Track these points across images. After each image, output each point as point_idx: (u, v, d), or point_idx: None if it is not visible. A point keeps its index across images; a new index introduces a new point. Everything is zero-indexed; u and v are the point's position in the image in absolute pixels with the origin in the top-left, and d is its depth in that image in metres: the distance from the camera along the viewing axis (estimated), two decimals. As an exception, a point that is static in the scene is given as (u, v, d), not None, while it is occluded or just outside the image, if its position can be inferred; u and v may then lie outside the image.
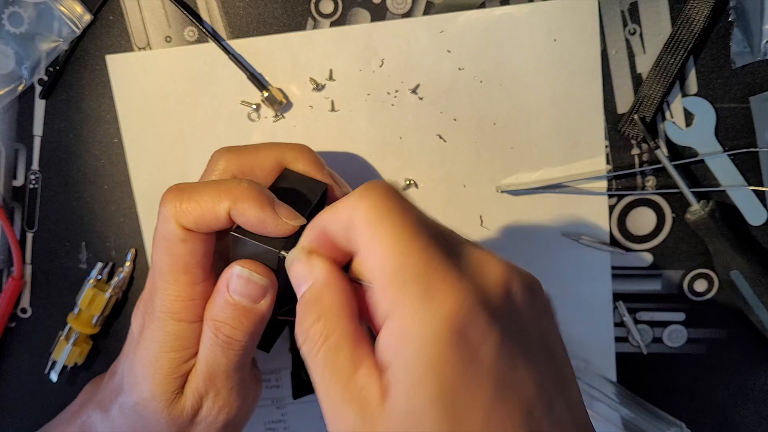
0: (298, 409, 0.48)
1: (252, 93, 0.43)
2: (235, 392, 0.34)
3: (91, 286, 0.44)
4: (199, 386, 0.34)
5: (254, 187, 0.31)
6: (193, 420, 0.34)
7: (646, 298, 0.45)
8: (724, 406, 0.47)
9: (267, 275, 0.32)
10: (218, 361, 0.33)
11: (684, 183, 0.42)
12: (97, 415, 0.37)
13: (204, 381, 0.34)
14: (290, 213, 0.31)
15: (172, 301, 0.33)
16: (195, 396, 0.34)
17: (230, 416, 0.35)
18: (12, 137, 0.44)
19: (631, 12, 0.41)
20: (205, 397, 0.34)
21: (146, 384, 0.34)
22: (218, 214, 0.31)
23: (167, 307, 0.33)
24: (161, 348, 0.33)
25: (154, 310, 0.33)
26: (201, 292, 0.33)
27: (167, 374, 0.34)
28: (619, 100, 0.42)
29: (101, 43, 0.42)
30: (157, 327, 0.33)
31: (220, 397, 0.34)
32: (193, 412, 0.34)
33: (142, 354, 0.34)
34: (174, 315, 0.33)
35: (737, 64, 0.41)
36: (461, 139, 0.43)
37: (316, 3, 0.42)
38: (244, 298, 0.32)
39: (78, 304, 0.44)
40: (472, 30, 0.42)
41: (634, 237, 0.44)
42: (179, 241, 0.31)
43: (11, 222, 0.45)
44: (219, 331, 0.32)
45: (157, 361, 0.33)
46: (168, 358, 0.33)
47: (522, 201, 0.44)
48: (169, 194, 0.32)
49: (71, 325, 0.44)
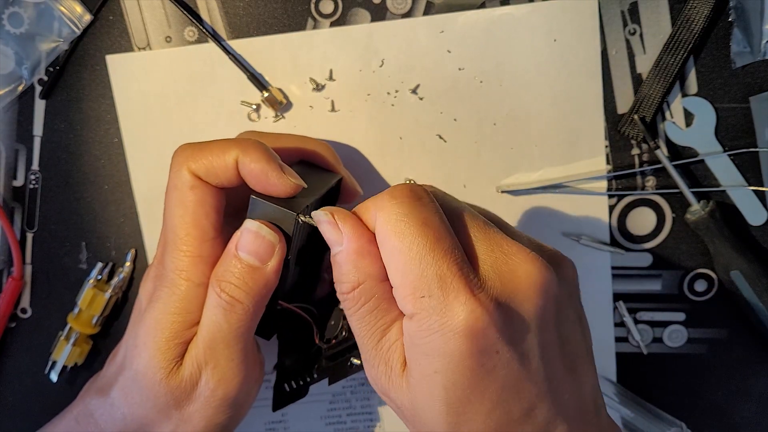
0: (299, 410, 0.48)
1: (252, 93, 0.43)
2: (235, 366, 0.34)
3: (91, 286, 0.44)
4: (198, 354, 0.34)
5: (262, 143, 0.33)
6: (192, 394, 0.34)
7: (646, 298, 0.45)
8: (724, 406, 0.47)
9: (277, 233, 0.32)
10: (219, 326, 0.33)
11: (684, 183, 0.42)
12: (95, 401, 0.37)
13: (204, 348, 0.33)
14: (293, 173, 0.32)
15: (181, 257, 0.33)
16: (194, 365, 0.34)
17: (228, 392, 0.34)
18: (12, 137, 0.44)
19: (631, 12, 0.41)
20: (204, 368, 0.34)
21: (147, 350, 0.34)
22: (227, 163, 0.32)
23: (176, 264, 0.33)
24: (165, 310, 0.34)
25: (164, 271, 0.34)
26: (209, 250, 0.33)
27: (169, 338, 0.34)
28: (619, 100, 0.42)
29: (101, 43, 0.42)
30: (164, 288, 0.34)
31: (219, 369, 0.34)
32: (192, 384, 0.34)
33: (147, 319, 0.34)
34: (182, 273, 0.33)
35: (737, 64, 0.41)
36: (461, 139, 0.43)
37: (316, 3, 0.42)
38: (252, 255, 0.32)
39: (78, 304, 0.44)
40: (472, 30, 0.42)
41: (634, 237, 0.44)
42: (189, 188, 0.32)
43: (11, 222, 0.45)
44: (223, 291, 0.32)
45: (159, 323, 0.34)
46: (171, 320, 0.34)
47: (522, 201, 0.44)
48: (181, 148, 0.33)
49: (71, 325, 0.44)
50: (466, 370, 0.27)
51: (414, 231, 0.27)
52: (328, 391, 0.47)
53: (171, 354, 0.34)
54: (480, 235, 0.29)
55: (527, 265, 0.28)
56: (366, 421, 0.48)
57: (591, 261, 0.45)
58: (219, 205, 0.34)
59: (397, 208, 0.28)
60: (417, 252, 0.27)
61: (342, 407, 0.48)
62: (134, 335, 0.35)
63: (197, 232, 0.33)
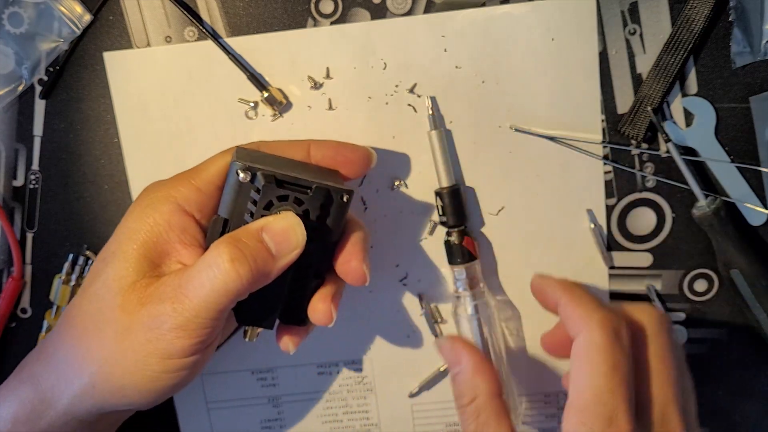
0: (294, 408, 0.48)
1: (251, 91, 0.43)
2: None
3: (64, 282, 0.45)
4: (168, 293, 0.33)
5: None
6: (149, 322, 0.33)
7: (646, 298, 0.45)
8: (724, 405, 0.47)
9: (303, 239, 0.34)
10: (203, 285, 0.33)
11: (693, 178, 0.42)
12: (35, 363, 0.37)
13: (175, 292, 0.33)
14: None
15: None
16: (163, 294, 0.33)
17: (186, 316, 0.33)
18: (12, 137, 0.44)
19: (631, 12, 0.41)
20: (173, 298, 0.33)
21: (124, 248, 0.35)
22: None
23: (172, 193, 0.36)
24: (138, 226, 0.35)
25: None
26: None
27: (149, 240, 0.35)
28: (619, 100, 0.42)
29: (101, 43, 0.43)
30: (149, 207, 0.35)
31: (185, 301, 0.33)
32: (157, 299, 0.33)
33: (128, 225, 0.35)
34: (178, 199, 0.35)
35: (737, 64, 0.41)
36: (459, 138, 0.43)
37: (316, 3, 0.42)
38: (274, 243, 0.34)
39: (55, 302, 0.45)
40: (470, 28, 0.41)
41: (634, 237, 0.44)
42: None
43: (11, 222, 0.45)
44: (233, 259, 0.32)
45: (132, 233, 0.35)
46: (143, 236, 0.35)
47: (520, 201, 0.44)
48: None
49: (50, 323, 0.45)
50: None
51: (605, 368, 0.31)
52: (325, 390, 0.47)
53: (139, 265, 0.34)
54: (656, 386, 0.33)
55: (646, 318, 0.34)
56: (362, 419, 0.48)
57: (589, 262, 0.45)
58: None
59: (600, 338, 0.32)
60: (599, 386, 0.31)
61: (338, 405, 0.48)
62: (103, 254, 0.36)
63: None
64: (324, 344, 0.47)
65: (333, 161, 0.38)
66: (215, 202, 0.36)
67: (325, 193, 0.35)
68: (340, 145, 0.39)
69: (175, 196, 0.35)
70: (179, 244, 0.35)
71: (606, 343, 0.32)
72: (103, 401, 0.35)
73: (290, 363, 0.47)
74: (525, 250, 0.45)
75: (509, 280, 0.45)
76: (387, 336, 0.47)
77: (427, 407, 0.48)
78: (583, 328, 0.32)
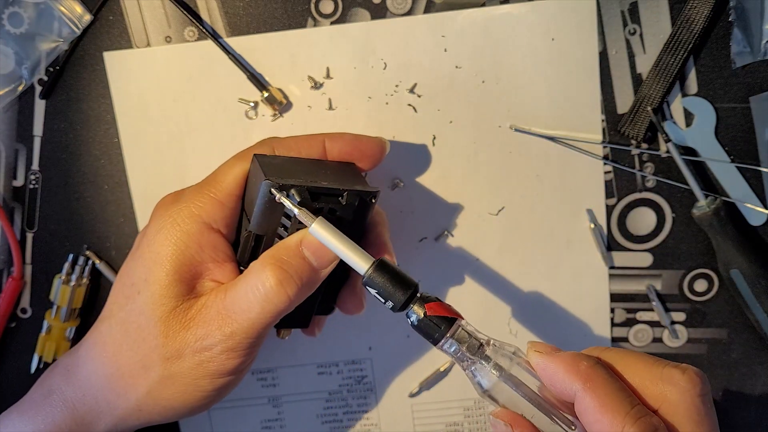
0: (294, 408, 0.48)
1: (251, 90, 0.43)
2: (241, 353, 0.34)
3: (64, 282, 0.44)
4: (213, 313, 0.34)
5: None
6: (187, 347, 0.34)
7: (646, 298, 0.45)
8: (724, 406, 0.47)
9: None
10: (251, 307, 0.33)
11: (693, 178, 0.42)
12: (59, 375, 0.37)
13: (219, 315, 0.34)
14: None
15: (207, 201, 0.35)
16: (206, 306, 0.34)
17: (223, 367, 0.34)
18: (12, 137, 0.44)
19: (631, 12, 0.41)
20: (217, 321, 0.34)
21: (157, 274, 0.34)
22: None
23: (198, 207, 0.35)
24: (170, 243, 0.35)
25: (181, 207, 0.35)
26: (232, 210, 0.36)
27: (170, 272, 0.34)
28: (619, 100, 0.42)
29: (101, 43, 0.42)
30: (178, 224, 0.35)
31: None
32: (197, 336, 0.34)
33: (156, 249, 0.35)
34: (202, 217, 0.35)
35: (737, 64, 0.41)
36: (459, 138, 0.43)
37: (316, 3, 0.42)
38: (314, 257, 0.34)
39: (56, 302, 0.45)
40: (470, 28, 0.42)
41: (634, 237, 0.44)
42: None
43: (11, 222, 0.45)
44: (277, 275, 0.33)
45: (162, 257, 0.34)
46: (176, 255, 0.35)
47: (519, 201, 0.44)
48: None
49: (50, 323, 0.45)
50: None
51: (614, 405, 0.28)
52: (325, 390, 0.47)
53: (185, 279, 0.35)
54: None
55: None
56: (362, 419, 0.48)
57: (589, 262, 0.45)
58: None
59: (603, 390, 0.28)
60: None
61: (338, 405, 0.48)
62: (133, 270, 0.36)
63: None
64: (324, 344, 0.47)
65: (349, 155, 0.38)
66: (237, 212, 0.36)
67: (356, 198, 0.35)
68: (355, 138, 0.38)
69: (200, 214, 0.35)
70: (212, 263, 0.35)
71: (609, 388, 0.28)
72: (149, 420, 0.36)
73: (290, 363, 0.47)
74: (525, 250, 0.45)
75: (509, 280, 0.45)
76: (387, 336, 0.47)
77: (427, 407, 0.48)
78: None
